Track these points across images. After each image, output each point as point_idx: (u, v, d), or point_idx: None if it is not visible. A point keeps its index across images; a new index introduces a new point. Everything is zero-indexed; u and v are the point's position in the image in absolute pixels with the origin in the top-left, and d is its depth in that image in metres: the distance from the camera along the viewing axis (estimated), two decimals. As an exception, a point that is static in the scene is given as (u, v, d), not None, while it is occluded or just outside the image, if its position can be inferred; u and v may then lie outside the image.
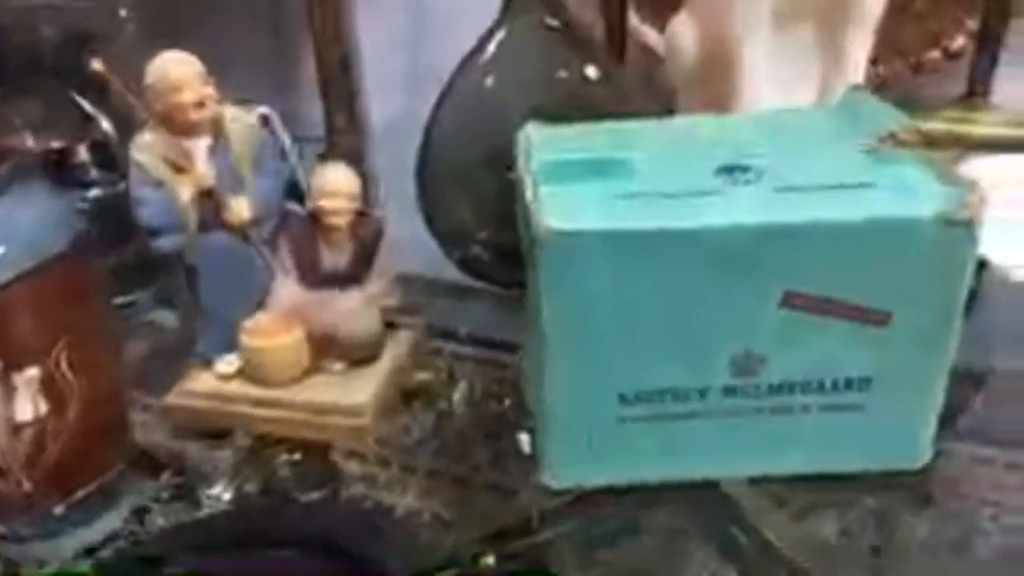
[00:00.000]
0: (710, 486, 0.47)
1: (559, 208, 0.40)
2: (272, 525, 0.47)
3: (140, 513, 0.55)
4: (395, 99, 0.99)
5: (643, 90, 0.81)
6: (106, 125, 0.74)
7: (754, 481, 0.47)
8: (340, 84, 0.94)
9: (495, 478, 0.53)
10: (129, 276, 0.76)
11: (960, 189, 0.39)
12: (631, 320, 0.41)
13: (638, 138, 0.48)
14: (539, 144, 0.48)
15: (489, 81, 0.67)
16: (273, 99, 0.61)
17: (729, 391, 0.43)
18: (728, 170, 0.43)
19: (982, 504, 0.49)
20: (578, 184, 0.43)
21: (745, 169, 0.43)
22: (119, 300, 0.82)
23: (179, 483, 0.56)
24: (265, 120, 0.57)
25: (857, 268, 0.40)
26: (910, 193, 0.40)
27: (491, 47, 0.66)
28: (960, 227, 0.38)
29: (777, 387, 0.43)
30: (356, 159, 0.94)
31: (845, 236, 0.39)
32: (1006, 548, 0.46)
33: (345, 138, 0.94)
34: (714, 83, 0.68)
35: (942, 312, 0.41)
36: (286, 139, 0.56)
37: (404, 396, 0.61)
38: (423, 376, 0.63)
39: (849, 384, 0.43)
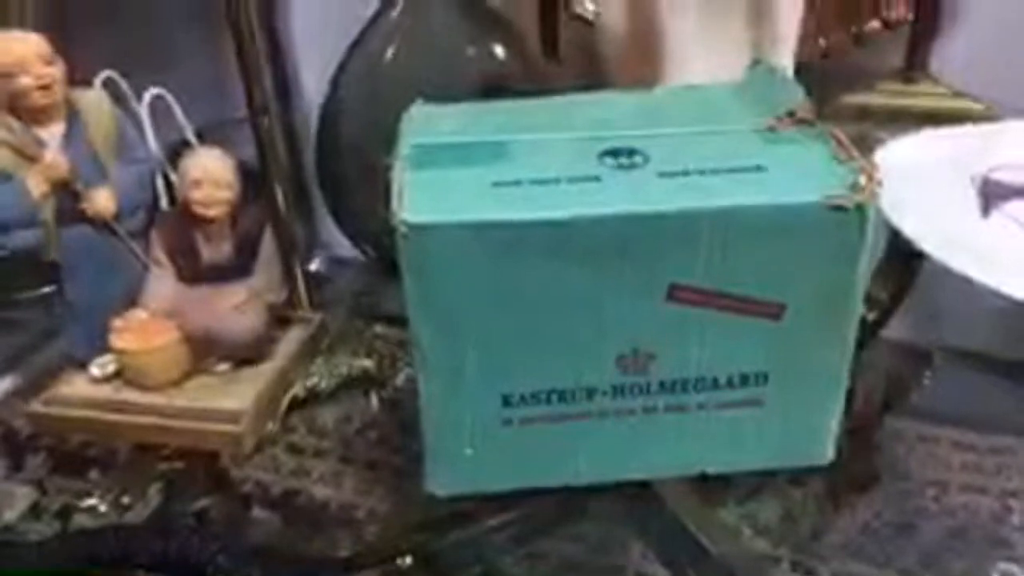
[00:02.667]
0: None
1: (422, 198, 0.36)
2: (116, 546, 0.43)
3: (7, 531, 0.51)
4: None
5: (579, 64, 0.78)
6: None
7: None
8: (257, 58, 0.88)
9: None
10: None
11: (854, 171, 0.37)
12: (508, 318, 0.38)
13: (523, 118, 0.44)
14: (417, 126, 0.44)
15: (388, 55, 0.62)
16: (200, 75, 0.56)
17: (618, 391, 0.40)
18: (613, 153, 0.40)
19: (927, 485, 0.48)
20: (449, 170, 0.39)
21: (631, 152, 0.39)
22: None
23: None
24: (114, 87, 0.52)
25: (745, 258, 0.37)
26: (802, 176, 0.37)
27: (393, 15, 0.61)
28: (851, 212, 0.36)
29: (669, 385, 0.40)
30: (288, 143, 0.88)
31: (731, 224, 0.36)
32: (951, 529, 0.45)
33: (268, 119, 0.88)
34: (643, 56, 0.65)
35: (838, 302, 0.39)
36: (148, 125, 0.52)
37: (345, 383, 0.58)
38: (364, 363, 0.59)
39: (745, 380, 0.41)
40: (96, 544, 0.45)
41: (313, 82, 0.99)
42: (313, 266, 0.74)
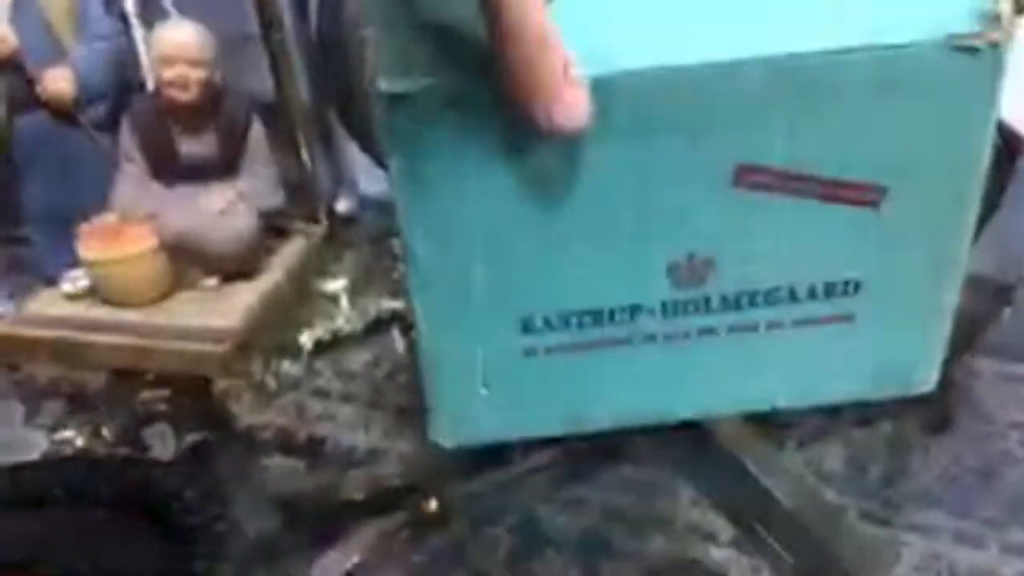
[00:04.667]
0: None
1: (403, 57, 0.27)
2: (82, 480, 0.37)
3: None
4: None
5: None
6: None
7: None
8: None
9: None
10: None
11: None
12: (527, 218, 0.30)
13: None
14: None
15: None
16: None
17: (669, 308, 0.32)
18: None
19: (1010, 427, 0.44)
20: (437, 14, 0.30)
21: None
22: None
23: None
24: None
25: (836, 125, 0.28)
26: (916, 6, 0.27)
27: None
28: (982, 54, 0.27)
29: (734, 299, 0.32)
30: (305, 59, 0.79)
31: (817, 76, 0.27)
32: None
33: (279, 36, 0.79)
34: None
35: (956, 183, 0.30)
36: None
37: (372, 326, 0.53)
38: (392, 304, 0.55)
39: (831, 290, 0.32)
40: (58, 474, 0.40)
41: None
42: (340, 206, 0.69)
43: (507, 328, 0.32)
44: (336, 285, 0.55)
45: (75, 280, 0.48)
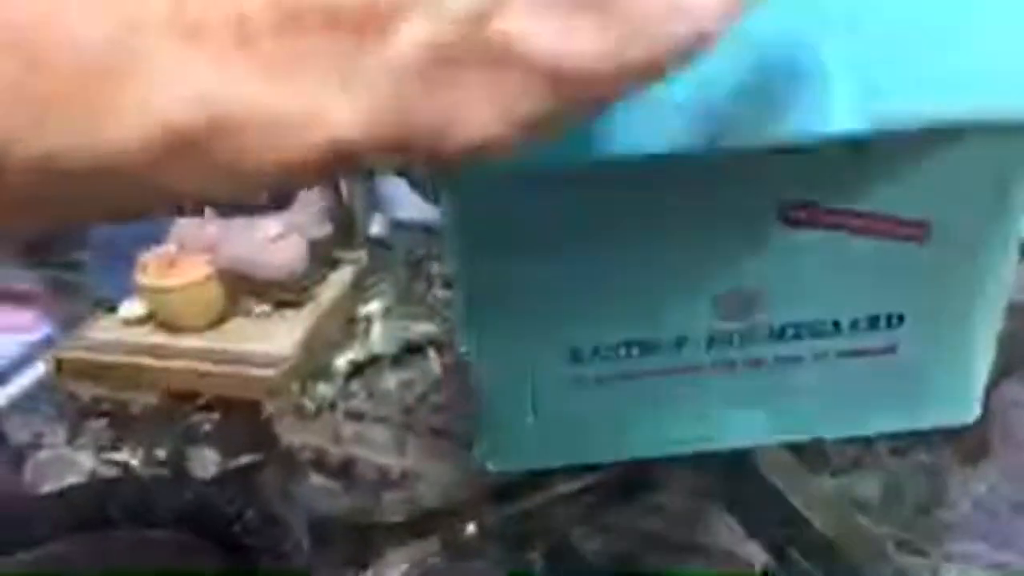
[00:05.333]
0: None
1: None
2: (139, 501, 0.38)
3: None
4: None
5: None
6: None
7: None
8: None
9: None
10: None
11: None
12: (576, 250, 0.31)
13: None
14: None
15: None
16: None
17: (715, 340, 0.33)
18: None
19: None
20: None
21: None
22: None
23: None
24: None
25: (884, 166, 0.29)
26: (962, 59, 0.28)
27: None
28: None
29: (779, 331, 0.33)
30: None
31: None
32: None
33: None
34: None
35: (1000, 215, 0.30)
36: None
37: (406, 348, 0.55)
38: (426, 327, 0.56)
39: (875, 322, 0.33)
40: (113, 495, 0.41)
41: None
42: (373, 229, 0.70)
43: (556, 357, 0.33)
44: (370, 308, 0.57)
45: (133, 306, 0.50)
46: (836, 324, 0.33)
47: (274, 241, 0.48)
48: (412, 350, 0.54)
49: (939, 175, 0.29)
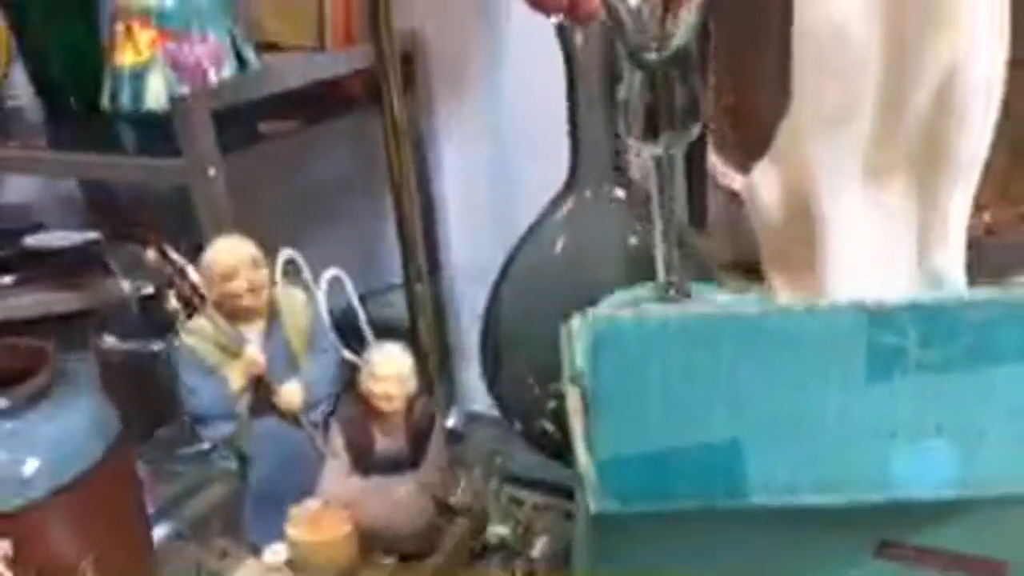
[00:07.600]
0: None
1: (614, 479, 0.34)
2: None
3: None
4: (480, 244, 1.00)
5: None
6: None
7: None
8: (415, 230, 0.94)
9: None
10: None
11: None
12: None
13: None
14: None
15: (557, 249, 0.64)
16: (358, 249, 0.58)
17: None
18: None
19: None
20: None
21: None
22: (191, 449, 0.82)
23: None
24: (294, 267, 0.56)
25: (962, 510, 0.34)
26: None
27: (558, 216, 0.63)
28: None
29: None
30: (434, 307, 0.93)
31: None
32: None
33: (420, 286, 0.93)
34: (798, 241, 0.63)
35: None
36: (325, 309, 0.55)
37: (480, 551, 0.57)
38: (500, 530, 0.58)
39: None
40: None
41: (461, 250, 1.06)
42: (449, 422, 0.75)
43: None
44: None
45: (276, 552, 0.56)
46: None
47: (407, 502, 0.54)
48: (484, 553, 0.55)
49: (1011, 518, 0.34)
